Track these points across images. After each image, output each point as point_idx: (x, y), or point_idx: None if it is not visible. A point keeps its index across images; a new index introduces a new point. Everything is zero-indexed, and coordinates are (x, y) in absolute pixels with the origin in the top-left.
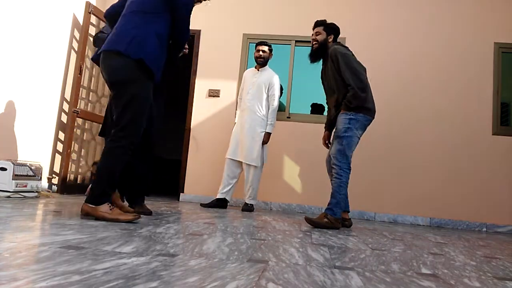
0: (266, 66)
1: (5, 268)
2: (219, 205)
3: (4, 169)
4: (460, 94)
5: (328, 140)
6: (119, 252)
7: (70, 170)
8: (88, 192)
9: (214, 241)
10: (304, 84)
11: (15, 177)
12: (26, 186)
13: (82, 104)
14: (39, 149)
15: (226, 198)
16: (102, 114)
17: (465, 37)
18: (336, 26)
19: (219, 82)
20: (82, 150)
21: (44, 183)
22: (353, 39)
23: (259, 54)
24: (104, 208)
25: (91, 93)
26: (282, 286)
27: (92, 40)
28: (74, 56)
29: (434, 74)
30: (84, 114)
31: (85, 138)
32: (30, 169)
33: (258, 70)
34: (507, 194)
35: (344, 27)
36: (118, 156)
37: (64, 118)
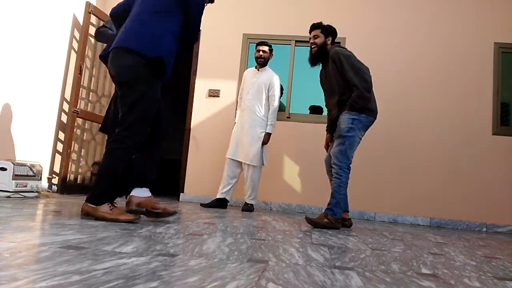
0: (266, 66)
1: (5, 268)
2: (219, 205)
3: (4, 169)
4: (460, 94)
5: (330, 142)
6: (119, 252)
7: (70, 170)
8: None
9: (214, 241)
10: (304, 84)
11: (15, 177)
12: (26, 186)
13: (82, 104)
14: (39, 149)
15: (226, 198)
16: (102, 114)
17: (465, 37)
18: (333, 27)
19: (219, 82)
20: (82, 150)
21: (44, 183)
22: (353, 39)
23: (260, 54)
24: (104, 208)
25: (91, 93)
26: (282, 286)
27: (93, 40)
28: (74, 56)
29: (434, 74)
30: (84, 114)
31: (85, 138)
32: (30, 169)
33: (258, 70)
34: (507, 194)
35: (344, 27)
36: (120, 156)
37: (64, 118)
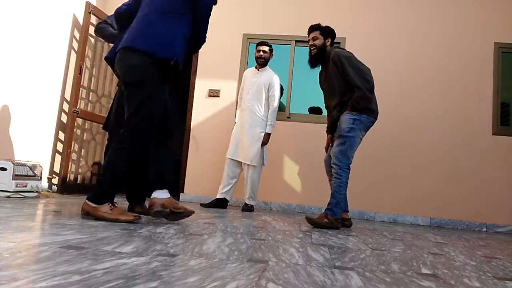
0: (267, 67)
1: (5, 268)
2: (219, 205)
3: (4, 169)
4: (460, 94)
5: (331, 143)
6: (119, 252)
7: (70, 170)
8: None
9: (214, 241)
10: (304, 84)
11: (15, 177)
12: (26, 186)
13: (82, 104)
14: (39, 149)
15: (226, 198)
16: (102, 114)
17: (465, 37)
18: (331, 29)
19: (219, 82)
20: (82, 150)
21: (44, 183)
22: (353, 39)
23: (260, 54)
24: (104, 208)
25: (91, 93)
26: (282, 286)
27: (93, 40)
28: (74, 56)
29: (434, 74)
30: (84, 114)
31: (85, 138)
32: (30, 169)
33: (258, 70)
34: (507, 194)
35: (344, 27)
36: (122, 157)
37: (64, 118)
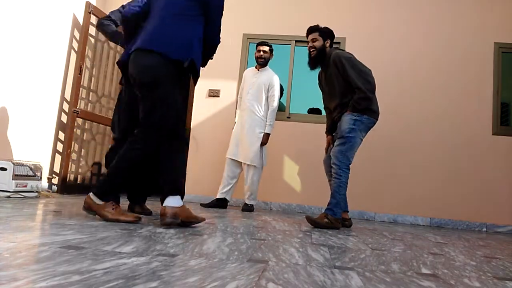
0: (267, 67)
1: (5, 268)
2: (219, 205)
3: (4, 169)
4: (460, 94)
5: (331, 144)
6: (119, 252)
7: (70, 170)
8: None
9: (214, 241)
10: (304, 84)
11: (15, 177)
12: (26, 186)
13: (82, 104)
14: (39, 149)
15: (226, 198)
16: (102, 114)
17: (465, 37)
18: (330, 30)
19: (219, 82)
20: (82, 150)
21: (44, 183)
22: (353, 39)
23: (260, 54)
24: (108, 207)
25: (91, 93)
26: (282, 286)
27: (93, 40)
28: (74, 56)
29: (434, 74)
30: (84, 114)
31: (85, 138)
32: (30, 169)
33: (258, 70)
34: (507, 194)
35: (344, 27)
36: (134, 158)
37: (64, 118)
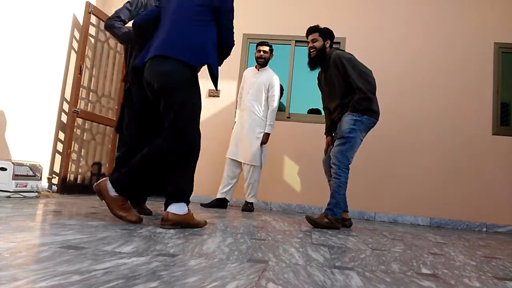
0: (267, 67)
1: (5, 268)
2: (219, 205)
3: (4, 169)
4: (460, 94)
5: (331, 144)
6: (119, 252)
7: (70, 170)
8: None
9: (214, 241)
10: (304, 84)
11: (15, 177)
12: (26, 186)
13: (82, 104)
14: (39, 149)
15: (226, 198)
16: (102, 114)
17: (465, 37)
18: (330, 30)
19: (219, 82)
20: (82, 150)
21: (44, 183)
22: (353, 39)
23: (260, 54)
24: (117, 201)
25: (91, 93)
26: (282, 286)
27: (93, 40)
28: (74, 56)
29: (434, 74)
30: (84, 114)
31: (85, 138)
32: (30, 169)
33: (258, 70)
34: (507, 194)
35: (344, 27)
36: (158, 162)
37: (64, 118)
